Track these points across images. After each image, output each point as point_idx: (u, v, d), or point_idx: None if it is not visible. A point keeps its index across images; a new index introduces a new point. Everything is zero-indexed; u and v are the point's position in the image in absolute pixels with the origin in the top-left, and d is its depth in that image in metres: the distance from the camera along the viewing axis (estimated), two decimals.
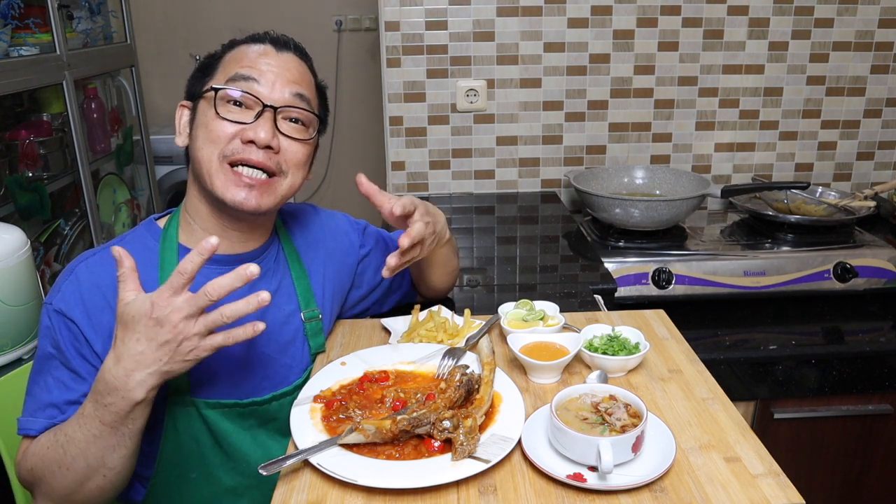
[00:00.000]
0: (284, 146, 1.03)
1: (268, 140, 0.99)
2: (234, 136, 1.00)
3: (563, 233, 1.91)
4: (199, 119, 1.03)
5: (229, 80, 1.01)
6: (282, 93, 1.02)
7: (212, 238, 0.83)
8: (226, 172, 1.00)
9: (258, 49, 1.04)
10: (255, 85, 1.01)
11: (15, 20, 2.13)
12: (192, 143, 1.04)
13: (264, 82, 1.01)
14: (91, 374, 0.97)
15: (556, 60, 2.14)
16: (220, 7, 3.57)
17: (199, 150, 1.01)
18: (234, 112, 1.00)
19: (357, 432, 0.85)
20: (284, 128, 1.03)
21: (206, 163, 1.00)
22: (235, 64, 1.03)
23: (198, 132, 1.02)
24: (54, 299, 0.98)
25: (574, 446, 0.82)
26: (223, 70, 1.04)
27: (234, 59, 1.04)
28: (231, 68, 1.03)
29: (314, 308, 1.14)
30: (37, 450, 0.94)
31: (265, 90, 1.01)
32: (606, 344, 1.06)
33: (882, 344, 1.56)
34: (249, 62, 1.02)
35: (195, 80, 1.07)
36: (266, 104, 1.00)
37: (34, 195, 2.20)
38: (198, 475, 1.05)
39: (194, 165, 1.04)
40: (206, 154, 1.00)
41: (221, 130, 0.99)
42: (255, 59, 1.03)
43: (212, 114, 1.00)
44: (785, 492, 0.79)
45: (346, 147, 3.81)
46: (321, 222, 1.24)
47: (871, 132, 2.25)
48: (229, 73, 1.02)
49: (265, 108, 1.00)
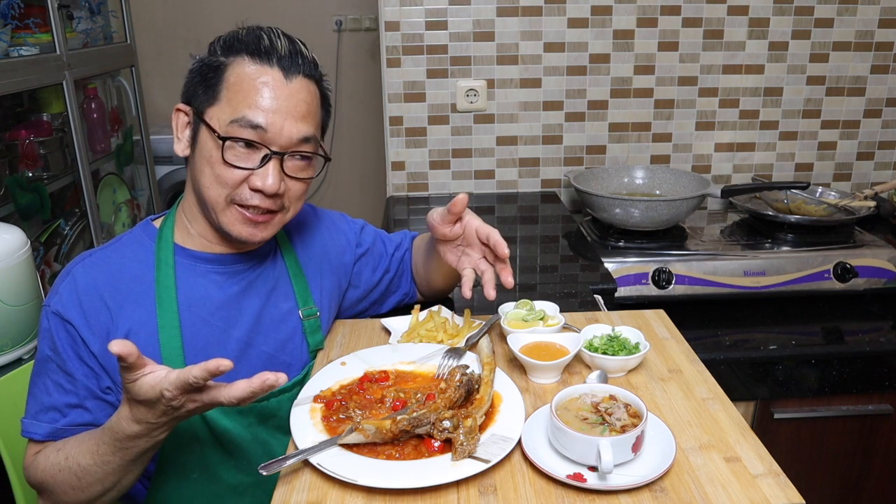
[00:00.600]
0: (288, 185, 1.02)
1: (275, 189, 0.99)
2: (242, 181, 0.99)
3: (563, 233, 1.91)
4: (204, 152, 0.99)
5: (234, 121, 0.96)
6: (289, 137, 0.99)
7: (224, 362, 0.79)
8: (233, 212, 1.01)
9: (265, 80, 0.98)
10: (262, 133, 0.97)
11: (15, 20, 2.13)
12: (195, 168, 1.01)
13: (271, 128, 0.97)
14: (88, 376, 0.98)
15: (556, 60, 2.14)
16: (220, 7, 3.57)
17: (207, 187, 1.00)
18: (240, 158, 0.98)
19: (357, 432, 0.85)
20: (290, 168, 1.01)
21: (212, 201, 1.00)
22: (241, 98, 0.97)
23: (202, 166, 1.00)
24: (52, 301, 0.99)
25: (574, 446, 0.82)
26: (227, 99, 0.98)
27: (239, 87, 0.98)
28: (236, 104, 0.97)
29: (312, 306, 1.15)
30: (46, 466, 0.95)
31: (272, 135, 0.97)
32: (606, 344, 1.06)
33: (882, 344, 1.57)
34: (255, 100, 0.97)
35: (196, 90, 1.02)
36: (273, 151, 0.98)
37: (34, 195, 2.20)
38: (199, 474, 1.05)
39: (196, 189, 1.02)
40: (213, 194, 1.00)
41: (229, 176, 0.98)
42: (262, 91, 0.97)
43: (218, 156, 0.98)
44: (785, 492, 0.79)
45: (346, 147, 3.81)
46: (318, 221, 1.24)
47: (871, 132, 2.25)
48: (235, 111, 0.97)
49: (272, 155, 0.99)
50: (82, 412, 0.98)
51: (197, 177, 1.01)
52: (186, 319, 1.02)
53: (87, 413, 0.98)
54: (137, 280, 1.02)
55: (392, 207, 2.14)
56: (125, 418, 0.86)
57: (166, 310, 1.01)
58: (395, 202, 2.20)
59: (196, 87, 1.02)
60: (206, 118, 0.99)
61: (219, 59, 1.01)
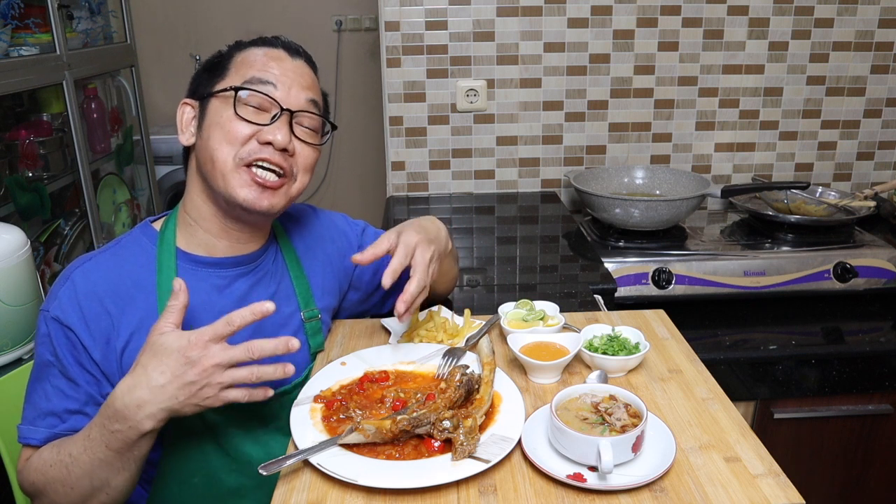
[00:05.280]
0: (298, 150, 1.04)
1: (285, 143, 1.01)
2: (251, 136, 1.00)
3: (563, 233, 1.91)
4: (213, 118, 1.02)
5: (245, 81, 1.01)
6: (297, 98, 1.03)
7: (267, 303, 0.86)
8: (241, 173, 1.01)
9: (272, 53, 1.05)
10: (272, 89, 1.01)
11: (15, 20, 2.13)
12: (203, 142, 1.03)
13: (281, 87, 1.02)
14: (90, 382, 0.97)
15: (556, 60, 2.14)
16: (221, 7, 3.57)
17: (215, 149, 1.01)
18: (251, 114, 1.01)
19: (357, 432, 0.85)
20: (298, 132, 1.04)
21: (220, 163, 1.00)
22: (249, 67, 1.03)
23: (211, 131, 1.02)
24: (51, 307, 0.97)
25: (574, 446, 0.82)
26: (236, 72, 1.03)
27: (245, 61, 1.04)
28: (245, 71, 1.03)
29: (313, 308, 1.15)
30: (39, 465, 0.94)
31: (282, 94, 1.02)
32: (606, 344, 1.06)
33: (882, 344, 1.57)
34: (264, 66, 1.03)
35: (202, 80, 1.06)
36: (283, 108, 1.01)
37: (34, 195, 2.19)
38: (200, 479, 1.04)
39: (204, 164, 1.03)
40: (222, 154, 1.00)
41: (239, 131, 1.00)
42: (269, 62, 1.03)
43: (229, 114, 1.00)
44: (785, 492, 0.79)
45: (346, 147, 3.81)
46: (319, 223, 1.24)
47: (871, 132, 2.25)
48: (244, 75, 1.02)
49: (282, 112, 1.01)
50: (82, 418, 0.97)
51: (205, 146, 1.02)
52: (188, 324, 1.02)
53: (86, 419, 0.97)
54: (138, 284, 1.01)
55: (392, 207, 2.14)
56: (120, 389, 0.86)
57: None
58: (395, 202, 2.20)
59: (203, 80, 1.06)
60: (215, 90, 1.03)
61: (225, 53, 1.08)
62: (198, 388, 0.85)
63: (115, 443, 0.87)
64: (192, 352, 0.84)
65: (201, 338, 0.84)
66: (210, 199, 1.05)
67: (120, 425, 0.86)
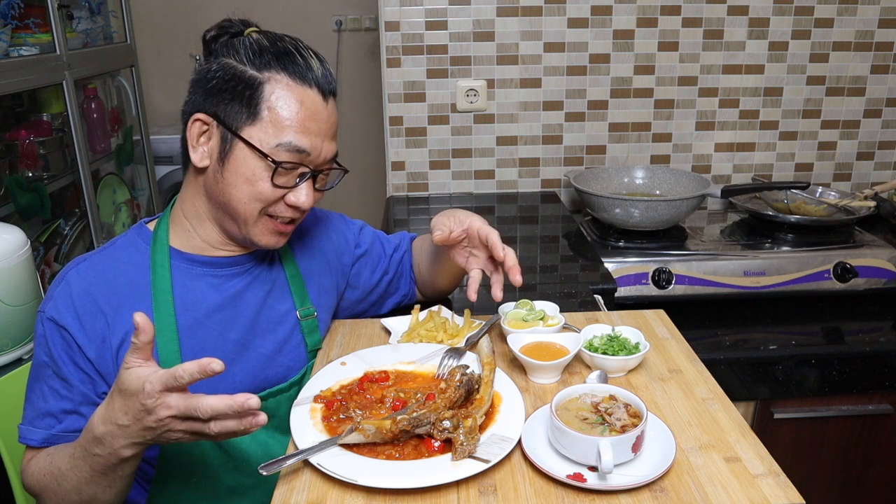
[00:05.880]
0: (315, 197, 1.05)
1: (311, 205, 1.03)
2: (280, 197, 1.01)
3: (563, 233, 1.91)
4: (241, 168, 0.98)
5: (280, 144, 0.97)
6: (325, 157, 1.03)
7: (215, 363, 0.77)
8: (264, 223, 1.03)
9: (308, 100, 0.99)
10: (307, 157, 1.00)
11: (15, 20, 2.13)
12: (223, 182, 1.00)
13: (314, 152, 1.00)
14: (84, 382, 0.98)
15: (556, 60, 2.14)
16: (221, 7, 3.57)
17: (241, 203, 1.00)
18: (281, 177, 1.00)
19: (357, 432, 0.85)
20: (318, 183, 1.05)
21: (244, 215, 1.01)
22: (286, 122, 0.97)
23: (238, 182, 0.99)
24: (46, 307, 0.98)
25: (574, 446, 0.82)
26: (271, 120, 0.97)
27: (282, 109, 0.97)
28: (281, 126, 0.97)
29: (309, 306, 1.15)
30: (35, 471, 0.95)
31: (313, 158, 1.01)
32: (606, 344, 1.06)
33: (882, 344, 1.57)
34: (301, 125, 0.98)
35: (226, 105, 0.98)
36: (312, 170, 1.02)
37: (34, 195, 2.20)
38: (199, 477, 1.05)
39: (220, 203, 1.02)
40: (249, 209, 1.01)
41: (271, 195, 1.00)
42: (307, 120, 0.99)
43: (263, 175, 0.98)
44: (785, 492, 0.79)
45: (346, 147, 3.80)
46: (317, 221, 1.24)
47: (871, 132, 2.25)
48: (280, 133, 0.97)
49: (311, 174, 1.02)
50: (78, 418, 0.98)
51: (227, 190, 1.00)
52: (183, 323, 1.02)
53: (83, 419, 0.97)
54: (133, 284, 1.01)
55: (392, 207, 2.14)
56: (97, 416, 0.85)
57: (163, 314, 1.00)
58: (395, 202, 2.20)
59: (228, 101, 0.98)
60: (246, 136, 0.98)
61: (250, 72, 0.98)
62: (161, 433, 0.82)
63: (97, 465, 0.87)
64: (146, 400, 0.79)
65: (153, 388, 0.79)
66: (215, 219, 1.05)
67: (100, 450, 0.85)
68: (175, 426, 0.80)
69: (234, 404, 0.77)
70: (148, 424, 0.81)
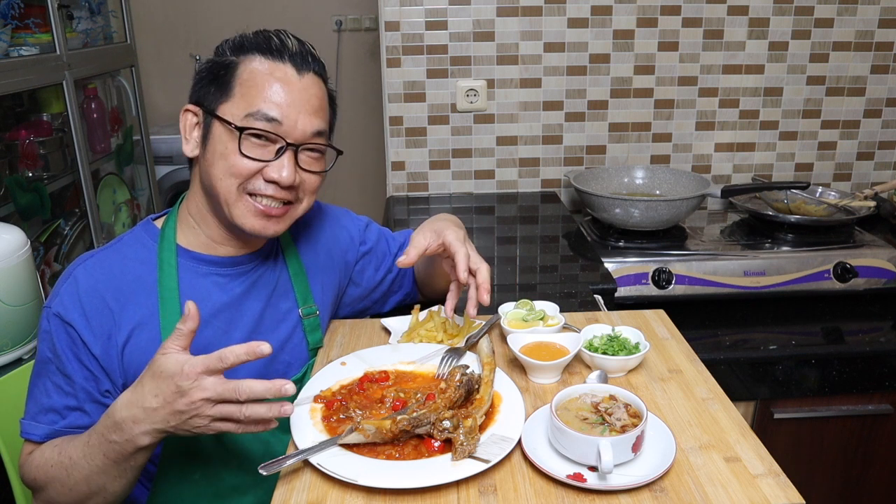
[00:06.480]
0: (303, 178, 1.03)
1: (291, 180, 1.00)
2: (257, 172, 1.00)
3: (563, 233, 1.91)
4: (216, 145, 1.00)
5: (249, 114, 0.98)
6: (303, 130, 1.00)
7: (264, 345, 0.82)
8: (245, 203, 1.01)
9: (279, 72, 0.99)
10: (278, 125, 0.98)
11: (15, 20, 2.13)
12: (206, 164, 1.01)
13: (286, 121, 0.99)
14: (87, 378, 0.98)
15: (556, 60, 2.14)
16: (220, 7, 3.57)
17: (219, 179, 1.00)
18: (255, 149, 0.99)
19: (357, 432, 0.85)
20: (304, 161, 1.03)
21: (224, 193, 1.00)
22: (254, 94, 0.98)
23: (215, 159, 1.00)
24: (53, 303, 0.98)
25: (574, 446, 0.82)
26: (241, 96, 0.99)
27: (252, 82, 0.99)
28: (251, 98, 0.98)
29: (311, 304, 1.15)
30: (40, 462, 0.95)
31: (287, 128, 0.99)
32: (606, 344, 1.06)
33: (882, 344, 1.57)
34: (270, 94, 0.98)
35: (206, 89, 1.02)
36: (289, 143, 1.00)
37: (34, 195, 2.20)
38: (200, 475, 1.05)
39: (207, 186, 1.02)
40: (226, 185, 1.00)
41: (244, 167, 0.99)
42: (275, 89, 0.99)
43: (233, 147, 0.98)
44: (785, 492, 0.79)
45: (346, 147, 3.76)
46: (322, 217, 1.24)
47: (871, 132, 2.25)
48: (250, 105, 0.98)
49: (287, 147, 1.00)
50: (81, 415, 0.98)
51: (209, 171, 1.01)
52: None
53: (86, 416, 0.98)
54: (140, 281, 1.02)
55: (392, 207, 2.14)
56: (121, 401, 0.87)
57: (169, 311, 1.01)
58: (395, 202, 2.20)
59: (206, 86, 1.02)
60: (220, 114, 0.99)
61: (229, 58, 1.02)
62: (188, 417, 0.83)
63: (112, 453, 0.88)
64: (183, 381, 0.82)
65: (194, 369, 0.82)
66: (212, 210, 1.05)
67: (117, 437, 0.87)
68: (205, 410, 0.83)
69: (273, 387, 0.82)
70: (178, 408, 0.83)
